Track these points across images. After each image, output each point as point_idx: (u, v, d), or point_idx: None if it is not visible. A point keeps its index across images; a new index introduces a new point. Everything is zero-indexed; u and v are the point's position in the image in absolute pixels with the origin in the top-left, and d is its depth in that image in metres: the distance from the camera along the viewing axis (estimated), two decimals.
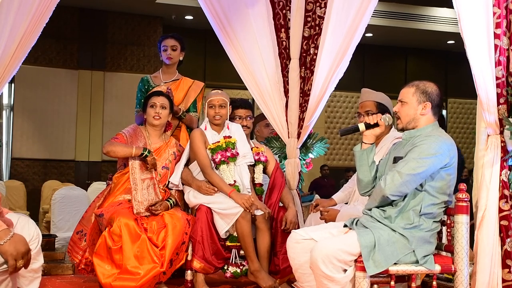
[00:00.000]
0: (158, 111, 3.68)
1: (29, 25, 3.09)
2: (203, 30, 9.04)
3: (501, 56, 2.86)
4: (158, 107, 3.69)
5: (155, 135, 3.76)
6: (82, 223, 3.75)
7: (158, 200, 3.54)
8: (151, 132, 3.75)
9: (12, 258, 1.99)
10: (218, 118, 3.65)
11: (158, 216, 3.47)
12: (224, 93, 3.74)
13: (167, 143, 3.78)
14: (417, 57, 11.92)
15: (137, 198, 3.51)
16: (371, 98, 3.45)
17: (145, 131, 3.76)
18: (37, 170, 9.28)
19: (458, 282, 2.69)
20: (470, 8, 2.83)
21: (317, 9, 4.02)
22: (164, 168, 3.69)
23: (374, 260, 2.58)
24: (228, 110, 3.69)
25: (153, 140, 3.74)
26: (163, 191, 3.65)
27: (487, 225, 2.83)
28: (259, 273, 3.41)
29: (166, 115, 3.74)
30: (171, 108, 3.80)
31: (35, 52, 8.91)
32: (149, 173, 3.60)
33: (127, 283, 3.24)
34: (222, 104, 3.65)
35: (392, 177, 2.67)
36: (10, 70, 3.08)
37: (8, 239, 2.02)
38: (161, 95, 3.75)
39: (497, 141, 2.87)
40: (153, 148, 3.67)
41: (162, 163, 3.69)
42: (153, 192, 3.58)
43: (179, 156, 3.76)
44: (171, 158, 3.73)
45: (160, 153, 3.72)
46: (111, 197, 3.64)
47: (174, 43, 4.22)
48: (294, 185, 4.03)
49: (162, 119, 3.71)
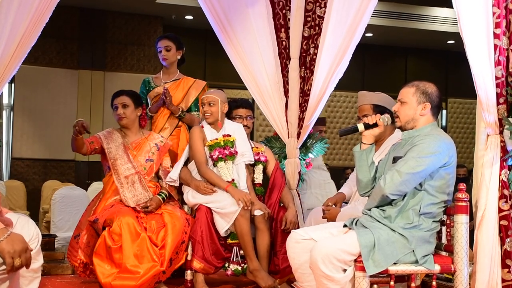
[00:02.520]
0: (120, 111, 3.71)
1: (29, 25, 3.08)
2: (203, 30, 9.03)
3: (501, 56, 2.86)
4: (120, 108, 3.72)
5: (131, 134, 3.79)
6: (79, 227, 3.77)
7: (148, 199, 3.57)
8: (126, 132, 3.80)
9: (9, 256, 1.98)
10: (208, 116, 3.66)
11: (157, 215, 3.48)
12: (217, 92, 3.75)
13: (147, 137, 3.81)
14: (417, 57, 11.90)
15: (125, 194, 3.56)
16: (367, 101, 3.43)
17: (121, 132, 3.80)
18: (37, 170, 9.27)
19: (458, 282, 2.69)
20: (469, 8, 2.83)
21: (317, 9, 4.02)
22: (148, 161, 3.71)
23: (373, 260, 2.58)
24: (220, 108, 3.66)
25: (130, 139, 3.77)
26: (153, 185, 3.67)
27: (486, 225, 2.83)
28: (258, 273, 3.41)
29: (131, 112, 3.74)
30: (137, 102, 3.78)
31: (35, 52, 8.90)
32: (132, 168, 3.63)
33: (127, 282, 3.24)
34: (211, 102, 3.65)
35: (391, 176, 2.67)
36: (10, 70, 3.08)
37: (5, 237, 2.01)
38: (121, 95, 3.76)
39: (496, 141, 2.87)
40: (133, 145, 3.72)
41: (145, 156, 3.72)
42: (140, 187, 3.61)
43: (162, 148, 3.76)
44: (153, 150, 3.75)
45: (141, 147, 3.75)
46: (103, 201, 3.68)
47: (167, 43, 4.21)
48: (294, 185, 4.03)
49: (128, 117, 3.73)
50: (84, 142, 3.65)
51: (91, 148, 3.70)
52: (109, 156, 3.68)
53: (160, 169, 3.79)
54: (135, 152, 3.72)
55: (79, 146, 3.64)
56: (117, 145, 3.69)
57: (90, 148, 3.70)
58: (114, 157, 3.67)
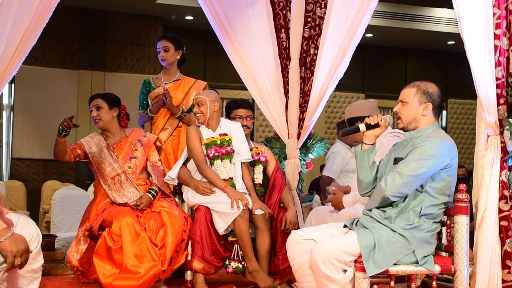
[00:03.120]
0: (94, 114, 3.71)
1: (29, 25, 3.08)
2: (203, 31, 9.04)
3: (501, 57, 2.86)
4: (94, 110, 3.72)
5: (112, 136, 3.79)
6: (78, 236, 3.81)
7: (138, 197, 3.58)
8: (108, 134, 3.79)
9: (12, 255, 2.01)
10: (199, 116, 3.66)
11: (155, 213, 3.49)
12: (206, 92, 3.76)
13: (128, 135, 3.81)
14: (417, 58, 11.91)
15: (114, 195, 3.60)
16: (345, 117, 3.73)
17: (102, 135, 3.80)
18: (37, 170, 9.28)
19: (458, 282, 2.69)
20: (470, 9, 2.83)
21: (317, 9, 4.02)
22: (133, 158, 3.72)
23: (374, 260, 2.58)
24: (210, 107, 3.63)
25: (112, 140, 3.77)
26: (143, 182, 3.69)
27: (487, 225, 2.83)
28: (257, 273, 3.41)
29: (106, 113, 3.72)
30: (112, 104, 3.75)
31: (35, 52, 8.90)
32: (118, 168, 3.65)
33: (127, 283, 3.25)
34: (200, 102, 3.65)
35: (392, 178, 2.67)
36: (10, 70, 3.08)
37: (8, 236, 2.03)
38: (94, 98, 3.75)
39: (497, 141, 2.86)
40: (115, 146, 3.73)
41: (129, 154, 3.73)
42: (129, 185, 3.62)
43: (146, 143, 3.78)
44: (137, 147, 3.75)
45: (123, 147, 3.76)
46: (94, 208, 3.70)
47: (165, 44, 4.20)
48: (294, 185, 4.03)
49: (103, 119, 3.72)
50: (67, 150, 3.65)
51: (74, 155, 3.70)
52: (93, 160, 3.70)
53: (148, 165, 3.77)
54: (117, 153, 3.72)
55: (62, 152, 3.63)
56: (100, 148, 3.71)
57: (73, 155, 3.70)
58: (98, 161, 3.69)
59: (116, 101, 3.80)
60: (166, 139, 4.17)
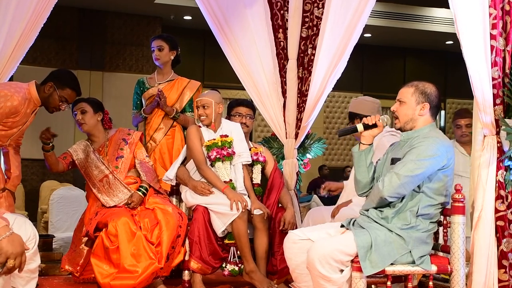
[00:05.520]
0: (79, 117, 3.71)
1: (27, 24, 3.09)
2: (202, 31, 9.02)
3: (497, 57, 2.87)
4: (78, 114, 3.72)
5: (97, 139, 3.78)
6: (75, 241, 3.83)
7: (128, 196, 3.59)
8: (93, 139, 3.79)
9: (5, 256, 1.97)
10: (203, 118, 3.63)
11: (149, 211, 3.50)
12: (211, 93, 3.66)
13: (113, 136, 3.81)
14: (416, 58, 11.92)
15: (104, 198, 3.60)
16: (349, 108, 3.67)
17: (89, 140, 3.81)
18: (36, 170, 9.26)
19: (455, 282, 2.69)
20: (466, 9, 2.83)
21: (315, 9, 4.02)
22: (119, 158, 3.72)
23: (370, 260, 2.59)
24: (215, 109, 3.59)
25: (98, 144, 3.77)
26: (133, 180, 3.69)
27: (483, 225, 2.84)
28: (254, 274, 3.41)
29: (90, 117, 3.72)
30: (96, 108, 3.75)
31: (34, 52, 8.89)
32: (105, 170, 3.66)
33: (125, 282, 3.26)
34: (205, 105, 3.60)
35: (390, 179, 2.67)
36: (8, 70, 3.09)
37: (6, 235, 2.00)
38: (79, 102, 3.74)
39: (493, 141, 2.87)
40: (100, 149, 3.73)
41: (114, 155, 3.73)
42: (118, 185, 3.63)
43: (131, 140, 3.78)
44: (122, 146, 3.75)
45: (108, 148, 3.75)
46: (87, 214, 3.72)
47: (160, 43, 4.19)
48: (292, 185, 4.04)
49: (87, 123, 3.72)
50: (59, 160, 3.68)
51: (66, 163, 3.72)
52: (80, 166, 3.72)
53: (136, 163, 3.76)
54: (103, 156, 3.72)
55: (54, 164, 3.65)
56: (86, 154, 3.72)
57: (65, 163, 3.72)
58: (84, 165, 3.70)
59: (100, 106, 3.81)
60: (161, 138, 4.17)
